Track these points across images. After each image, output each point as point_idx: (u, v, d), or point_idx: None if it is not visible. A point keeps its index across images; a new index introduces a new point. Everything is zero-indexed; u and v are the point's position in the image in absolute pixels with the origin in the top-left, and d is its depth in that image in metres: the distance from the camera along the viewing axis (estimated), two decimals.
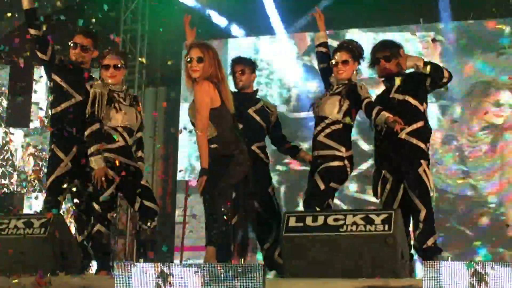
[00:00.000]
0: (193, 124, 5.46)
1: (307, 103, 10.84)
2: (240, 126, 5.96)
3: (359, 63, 5.96)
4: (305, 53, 11.46)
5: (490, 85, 10.43)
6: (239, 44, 11.56)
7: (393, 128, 5.48)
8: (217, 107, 5.33)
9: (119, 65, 5.89)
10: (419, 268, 6.26)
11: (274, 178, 7.38)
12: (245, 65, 6.36)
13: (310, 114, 6.20)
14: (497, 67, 10.43)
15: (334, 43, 6.93)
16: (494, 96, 10.40)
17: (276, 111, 6.52)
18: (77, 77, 6.03)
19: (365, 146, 9.67)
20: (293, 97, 11.37)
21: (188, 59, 5.38)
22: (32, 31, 5.93)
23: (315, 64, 11.33)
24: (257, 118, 6.27)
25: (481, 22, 10.53)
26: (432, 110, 8.92)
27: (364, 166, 9.75)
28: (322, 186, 5.67)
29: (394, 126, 5.46)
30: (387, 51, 5.85)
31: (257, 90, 6.50)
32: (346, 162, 5.77)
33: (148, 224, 5.83)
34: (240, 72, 6.31)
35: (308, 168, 6.12)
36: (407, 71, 5.83)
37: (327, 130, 5.81)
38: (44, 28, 6.05)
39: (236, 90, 6.31)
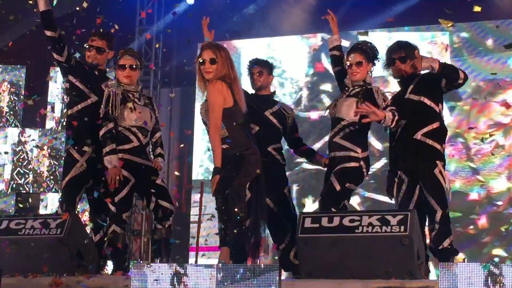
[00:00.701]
0: (205, 123, 5.47)
1: (317, 103, 10.97)
2: (257, 127, 5.97)
3: (373, 64, 5.95)
4: (316, 54, 11.49)
5: (498, 85, 10.42)
6: (252, 45, 11.58)
7: (415, 128, 5.49)
8: (229, 107, 5.33)
9: (134, 66, 5.93)
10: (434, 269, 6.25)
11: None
12: (263, 66, 6.36)
13: (321, 114, 6.21)
14: (505, 66, 10.42)
15: (346, 43, 6.91)
16: (501, 96, 10.39)
17: (293, 113, 6.53)
18: (93, 78, 6.06)
19: (378, 145, 9.66)
20: (303, 97, 11.39)
21: (201, 61, 5.39)
22: (48, 33, 5.95)
23: (326, 64, 11.42)
24: (274, 120, 6.27)
25: (491, 22, 10.53)
26: None
27: (378, 165, 9.75)
28: (338, 187, 5.67)
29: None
30: (403, 52, 5.82)
31: (274, 92, 6.50)
32: (362, 163, 5.76)
33: (163, 223, 5.85)
34: (258, 74, 6.32)
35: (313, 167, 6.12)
36: (422, 72, 5.82)
37: (344, 132, 5.81)
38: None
39: (253, 91, 6.32)
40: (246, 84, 6.33)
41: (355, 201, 10.18)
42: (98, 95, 5.96)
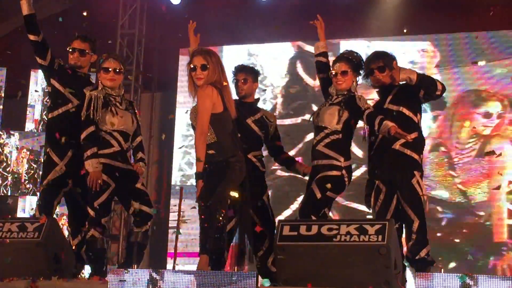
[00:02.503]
0: (193, 127, 5.47)
1: (292, 110, 11.01)
2: (238, 135, 5.98)
3: (359, 74, 5.96)
4: (292, 61, 11.54)
5: (480, 96, 10.52)
6: (234, 51, 11.59)
7: (396, 138, 5.51)
8: (219, 112, 5.33)
9: (118, 70, 5.91)
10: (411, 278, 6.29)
11: None
12: (248, 74, 6.29)
13: (296, 121, 6.21)
14: (487, 77, 10.52)
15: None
16: (483, 107, 10.49)
17: (275, 121, 6.47)
18: (75, 82, 6.04)
19: (358, 152, 9.69)
20: (278, 104, 11.42)
21: (192, 67, 5.39)
22: (31, 37, 5.92)
23: (300, 71, 11.45)
24: (255, 128, 6.26)
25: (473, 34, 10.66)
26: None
27: (357, 172, 9.76)
28: (318, 195, 5.67)
29: (399, 137, 5.49)
30: (381, 62, 5.86)
31: (258, 99, 6.48)
32: (344, 172, 5.75)
33: (141, 227, 5.84)
34: (242, 81, 6.26)
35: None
36: (401, 83, 5.86)
37: (326, 140, 5.80)
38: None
39: (236, 98, 6.30)
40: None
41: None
42: (80, 99, 5.94)
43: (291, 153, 8.76)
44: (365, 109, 5.70)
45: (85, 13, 6.94)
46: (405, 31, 10.05)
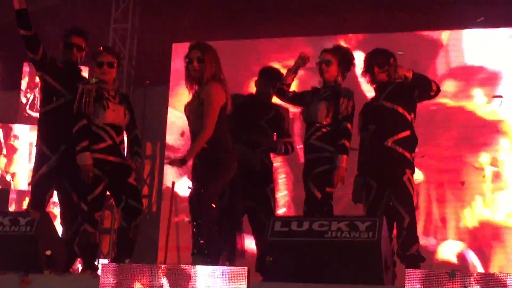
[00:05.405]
0: (188, 119, 5.48)
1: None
2: (250, 133, 6.03)
3: (345, 68, 6.00)
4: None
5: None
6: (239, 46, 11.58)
7: (387, 134, 5.58)
8: (221, 107, 5.38)
9: (112, 63, 5.89)
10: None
11: None
12: (269, 79, 6.35)
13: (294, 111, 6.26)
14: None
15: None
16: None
17: (288, 116, 6.47)
18: (68, 76, 6.02)
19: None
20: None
21: (188, 60, 5.43)
22: (22, 32, 5.82)
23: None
24: (269, 130, 6.31)
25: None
26: None
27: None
28: (319, 195, 5.75)
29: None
30: (380, 58, 5.92)
31: (271, 96, 6.47)
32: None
33: (131, 223, 5.84)
34: (264, 84, 6.35)
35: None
36: (397, 81, 5.90)
37: (318, 133, 5.87)
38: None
39: (252, 94, 6.42)
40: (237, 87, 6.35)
41: None
42: (72, 93, 5.91)
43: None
44: (342, 119, 5.78)
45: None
46: None
